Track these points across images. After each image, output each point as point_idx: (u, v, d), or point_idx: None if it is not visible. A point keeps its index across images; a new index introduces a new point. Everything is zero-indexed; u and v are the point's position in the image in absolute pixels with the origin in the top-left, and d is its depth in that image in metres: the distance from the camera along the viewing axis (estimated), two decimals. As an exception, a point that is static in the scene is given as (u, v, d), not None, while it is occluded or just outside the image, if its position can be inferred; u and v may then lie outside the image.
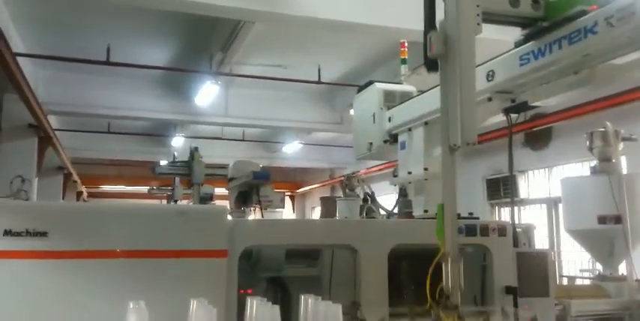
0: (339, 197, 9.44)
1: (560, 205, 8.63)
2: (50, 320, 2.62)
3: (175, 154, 11.47)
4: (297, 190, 23.68)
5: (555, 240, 10.04)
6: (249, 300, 2.53)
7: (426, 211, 4.20)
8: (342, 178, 9.58)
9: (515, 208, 9.71)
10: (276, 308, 2.32)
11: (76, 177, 17.11)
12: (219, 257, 2.91)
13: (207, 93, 11.15)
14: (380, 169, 14.38)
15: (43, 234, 2.63)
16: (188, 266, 2.86)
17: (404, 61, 5.19)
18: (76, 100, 11.43)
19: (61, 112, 12.08)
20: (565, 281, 5.64)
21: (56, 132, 12.16)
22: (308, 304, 2.55)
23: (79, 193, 20.12)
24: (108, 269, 2.72)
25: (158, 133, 15.95)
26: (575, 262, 8.71)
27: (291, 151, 17.67)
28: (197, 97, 11.69)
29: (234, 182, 8.34)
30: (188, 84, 11.65)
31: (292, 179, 23.06)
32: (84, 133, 14.65)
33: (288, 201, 19.55)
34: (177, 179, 10.72)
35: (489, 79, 3.59)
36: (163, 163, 9.48)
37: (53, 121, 12.16)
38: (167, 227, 2.87)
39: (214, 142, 15.13)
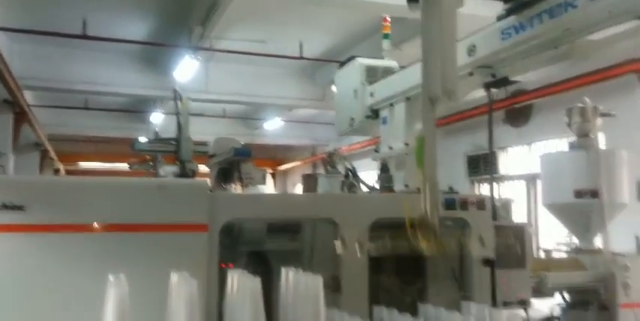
0: (321, 174, 9.46)
1: (539, 181, 8.77)
2: (28, 294, 2.60)
3: (157, 130, 11.31)
4: (279, 168, 23.67)
5: (534, 215, 10.20)
6: (229, 273, 2.55)
7: (406, 185, 4.22)
8: (324, 156, 9.60)
9: (495, 184, 9.81)
10: (257, 280, 2.33)
11: (53, 154, 16.88)
12: (199, 231, 2.90)
13: (186, 68, 11.00)
14: (362, 147, 14.41)
15: (20, 208, 2.60)
16: (168, 240, 2.84)
17: (386, 36, 5.16)
18: (53, 75, 11.20)
19: (37, 88, 11.84)
20: (542, 254, 5.75)
21: (32, 108, 11.93)
22: (289, 276, 2.57)
23: (57, 171, 19.86)
24: (87, 243, 2.71)
25: (137, 109, 15.75)
26: (552, 237, 8.90)
27: (273, 128, 17.60)
28: (176, 73, 11.53)
29: (215, 159, 8.29)
30: (167, 59, 11.47)
31: (274, 156, 23.02)
32: (61, 109, 14.41)
33: (269, 178, 19.55)
34: (159, 156, 10.50)
35: (471, 53, 3.59)
36: (142, 139, 9.30)
37: (29, 96, 11.92)
38: (147, 201, 2.85)
39: (195, 119, 14.87)
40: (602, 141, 5.02)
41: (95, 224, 2.71)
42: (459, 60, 3.62)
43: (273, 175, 23.67)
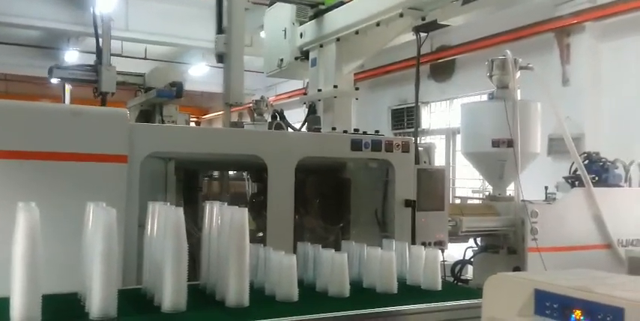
0: (247, 122, 9.30)
1: (458, 136, 9.07)
2: None
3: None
4: (204, 116, 23.14)
5: (451, 169, 10.60)
6: (150, 204, 2.46)
7: (334, 128, 4.22)
8: (251, 105, 9.43)
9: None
10: (180, 210, 2.26)
11: (-43, 91, 15.64)
12: (119, 162, 2.77)
13: (105, 1, 10.30)
14: (289, 97, 14.29)
15: None
16: (85, 170, 2.70)
17: (319, -25, 5.01)
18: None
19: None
20: (458, 202, 6.00)
21: None
22: (213, 208, 2.52)
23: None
24: (-5, 170, 2.52)
25: (50, 45, 14.71)
26: (466, 189, 9.31)
27: (198, 74, 17.02)
28: (94, 6, 10.78)
29: (135, 100, 7.88)
30: (84, -8, 10.71)
31: (199, 104, 22.41)
32: (-36, 42, 13.26)
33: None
34: (67, 94, 9.54)
35: (403, -7, 3.55)
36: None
37: None
38: (62, 128, 2.68)
39: (113, 60, 14.20)
40: (519, 96, 5.21)
41: (6, 150, 2.52)
42: (390, 0, 3.60)
43: (198, 124, 23.13)
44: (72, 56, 14.61)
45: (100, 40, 5.28)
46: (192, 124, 18.43)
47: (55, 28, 11.97)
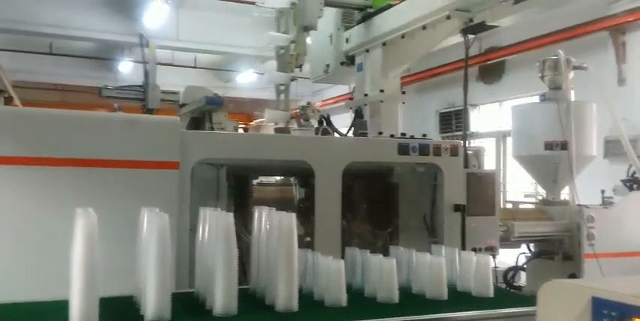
0: (294, 128, 9.38)
1: (509, 139, 8.87)
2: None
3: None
4: (251, 123, 23.42)
5: (502, 173, 10.37)
6: (201, 209, 2.51)
7: (380, 133, 4.20)
8: (297, 110, 9.52)
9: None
10: (230, 215, 2.30)
11: (17, 101, 16.34)
12: (171, 169, 2.84)
13: (156, 13, 10.62)
14: (335, 102, 14.31)
15: (-17, 139, 2.49)
16: (139, 177, 2.78)
17: (365, -20, 5.01)
18: (16, 16, 10.70)
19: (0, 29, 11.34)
20: (509, 206, 5.86)
21: (-6, 52, 11.45)
22: (262, 213, 2.55)
23: (22, 120, 19.26)
24: (54, 177, 2.63)
25: (105, 56, 15.23)
26: (519, 192, 9.08)
27: (246, 81, 17.28)
28: (146, 18, 11.13)
29: (185, 108, 8.11)
30: (136, 2, 11.05)
31: (246, 111, 22.72)
32: (25, 55, 13.84)
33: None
34: (116, 106, 10.03)
35: (449, -5, 3.51)
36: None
37: (-10, 39, 11.43)
38: (117, 136, 2.77)
39: (164, 69, 14.48)
40: (572, 97, 5.06)
41: (63, 158, 2.62)
42: (437, 2, 3.57)
43: (246, 131, 23.43)
44: (126, 67, 15.09)
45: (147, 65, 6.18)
46: (241, 131, 18.70)
47: (109, 40, 12.39)
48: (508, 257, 5.09)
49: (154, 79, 6.67)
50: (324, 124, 4.67)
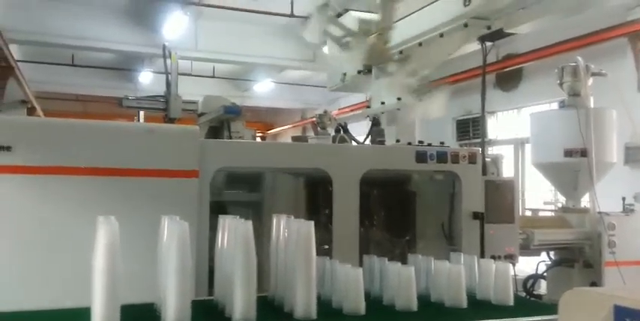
0: (311, 136, 9.41)
1: (527, 146, 8.79)
2: (15, 235, 2.57)
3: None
4: (269, 132, 23.54)
5: (520, 180, 10.28)
6: (221, 217, 2.53)
7: (397, 140, 4.21)
8: (314, 119, 9.53)
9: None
10: (249, 223, 2.32)
11: (40, 112, 16.61)
12: (190, 177, 2.87)
13: (175, 24, 10.77)
14: (352, 110, 14.33)
15: (7, 148, 2.55)
16: (159, 185, 2.82)
17: (380, -11, 5.04)
18: (39, 29, 10.91)
19: (23, 41, 11.56)
20: (529, 214, 5.81)
21: (19, 64, 11.66)
22: (280, 221, 2.57)
23: (44, 130, 19.51)
24: (75, 186, 2.67)
25: (125, 67, 15.46)
26: (537, 200, 8.99)
27: (263, 90, 17.39)
28: (165, 29, 11.29)
29: (204, 118, 8.21)
30: (156, 14, 11.20)
31: (264, 120, 22.85)
32: (47, 66, 14.10)
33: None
34: (142, 113, 10.21)
35: (466, 4, 3.52)
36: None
37: (15, 51, 11.64)
38: (137, 146, 2.81)
39: (183, 79, 14.60)
40: (592, 104, 5.02)
41: (84, 167, 2.67)
42: (454, 11, 3.58)
43: (263, 139, 23.56)
44: (146, 77, 15.29)
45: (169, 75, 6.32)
46: (259, 139, 18.78)
47: (130, 51, 12.57)
48: (528, 265, 5.04)
49: (176, 89, 6.76)
50: (342, 132, 4.69)
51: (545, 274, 4.90)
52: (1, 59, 9.82)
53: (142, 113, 8.77)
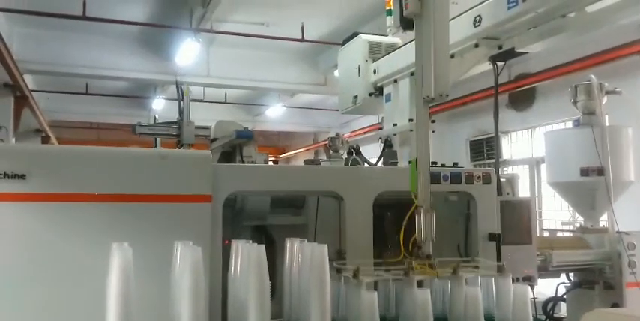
0: (323, 159, 9.42)
1: (543, 166, 8.72)
2: (29, 263, 2.57)
3: (156, 116, 11.26)
4: (281, 156, 23.63)
5: (537, 201, 10.17)
6: (234, 242, 2.52)
7: (410, 162, 4.18)
8: (326, 142, 9.58)
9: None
10: (262, 247, 2.31)
11: (54, 141, 16.85)
12: (203, 202, 2.87)
13: (187, 51, 10.94)
14: (364, 133, 14.38)
15: (22, 177, 2.57)
16: (172, 211, 2.81)
17: (389, 13, 5.09)
18: (53, 59, 11.15)
19: (38, 71, 11.80)
20: (546, 235, 5.72)
21: (33, 93, 11.88)
22: (294, 245, 2.55)
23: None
24: (89, 213, 2.67)
25: (138, 94, 15.68)
26: (555, 221, 8.87)
27: (274, 114, 17.53)
28: (178, 56, 11.47)
29: (216, 143, 8.26)
30: (168, 42, 11.41)
31: (275, 144, 22.98)
32: (61, 95, 14.35)
33: (271, 165, 19.42)
34: (158, 140, 10.39)
35: (476, 24, 3.53)
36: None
37: (29, 81, 11.87)
38: (150, 171, 2.82)
39: (195, 105, 14.78)
40: (607, 122, 4.98)
41: (97, 194, 2.67)
42: (464, 31, 3.59)
43: (276, 163, 23.61)
44: (159, 104, 15.49)
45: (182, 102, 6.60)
46: (271, 164, 18.79)
47: (142, 78, 12.78)
48: (547, 288, 4.94)
49: (189, 116, 6.98)
50: (354, 154, 4.68)
51: (564, 296, 4.80)
52: (17, 89, 10.00)
53: (158, 140, 8.95)
